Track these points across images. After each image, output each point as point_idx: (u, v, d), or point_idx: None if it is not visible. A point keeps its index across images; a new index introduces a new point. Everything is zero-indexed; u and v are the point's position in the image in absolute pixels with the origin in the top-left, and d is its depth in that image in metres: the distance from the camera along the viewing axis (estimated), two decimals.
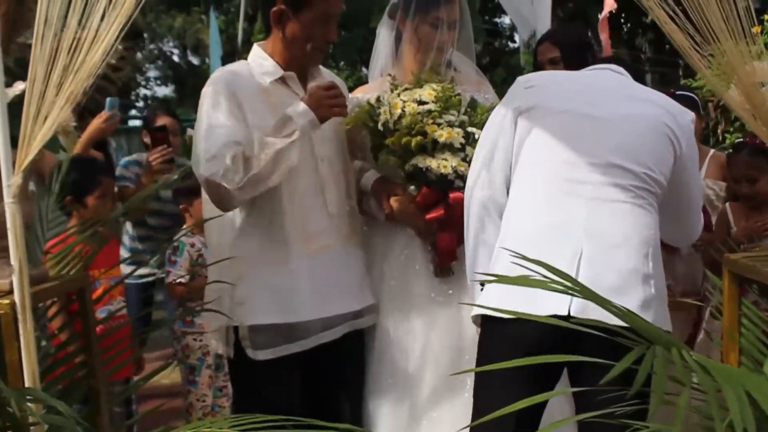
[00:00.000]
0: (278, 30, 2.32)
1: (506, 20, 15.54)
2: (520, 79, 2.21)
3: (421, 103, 2.37)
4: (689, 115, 2.15)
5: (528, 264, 1.41)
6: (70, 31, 1.60)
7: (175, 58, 22.64)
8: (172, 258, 3.65)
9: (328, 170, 2.36)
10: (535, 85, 2.16)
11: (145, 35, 20.25)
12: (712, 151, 3.33)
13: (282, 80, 2.34)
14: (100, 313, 2.72)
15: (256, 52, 2.38)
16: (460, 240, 2.28)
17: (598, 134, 2.04)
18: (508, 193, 2.10)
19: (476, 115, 2.45)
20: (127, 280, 4.19)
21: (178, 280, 3.61)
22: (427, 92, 2.38)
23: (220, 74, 2.33)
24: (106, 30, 1.60)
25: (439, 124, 2.35)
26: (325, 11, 2.26)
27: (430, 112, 2.35)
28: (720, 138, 5.28)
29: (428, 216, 2.40)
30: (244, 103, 2.25)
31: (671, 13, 1.63)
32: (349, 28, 4.82)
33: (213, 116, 2.21)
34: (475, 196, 2.14)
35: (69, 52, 1.61)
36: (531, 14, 4.78)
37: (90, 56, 1.61)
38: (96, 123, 3.39)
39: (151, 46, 21.46)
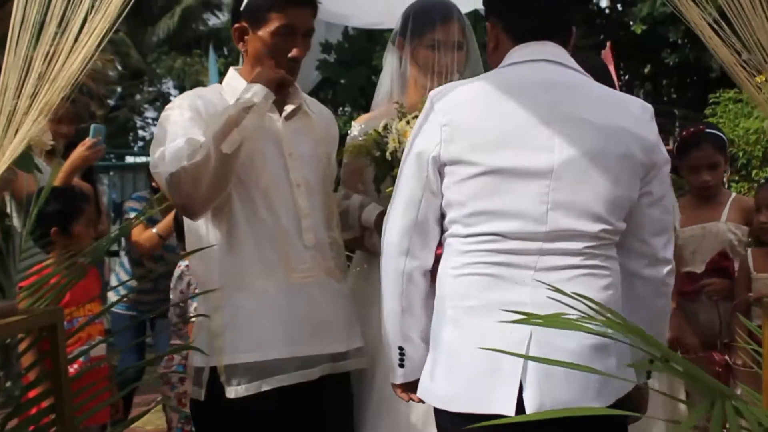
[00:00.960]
0: (243, 49, 2.19)
1: None
2: (432, 96, 1.76)
3: None
4: (648, 116, 1.74)
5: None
6: (47, 37, 1.46)
7: None
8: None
9: (306, 197, 2.18)
10: (448, 122, 1.70)
11: (145, 77, 20.29)
12: (734, 194, 3.19)
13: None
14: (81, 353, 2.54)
15: (230, 74, 2.24)
16: None
17: (536, 195, 1.64)
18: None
19: None
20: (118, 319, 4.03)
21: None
22: None
23: (188, 95, 2.20)
24: (87, 36, 1.45)
25: None
26: (286, 24, 2.11)
27: None
28: (726, 185, 5.15)
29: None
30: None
31: (715, 26, 1.48)
32: (351, 68, 4.72)
33: (174, 124, 2.06)
34: (399, 267, 1.77)
35: (45, 60, 1.46)
36: None
37: (68, 64, 1.46)
38: (79, 150, 3.22)
39: (151, 88, 21.48)
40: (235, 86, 2.17)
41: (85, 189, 3.64)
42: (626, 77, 14.61)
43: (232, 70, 2.24)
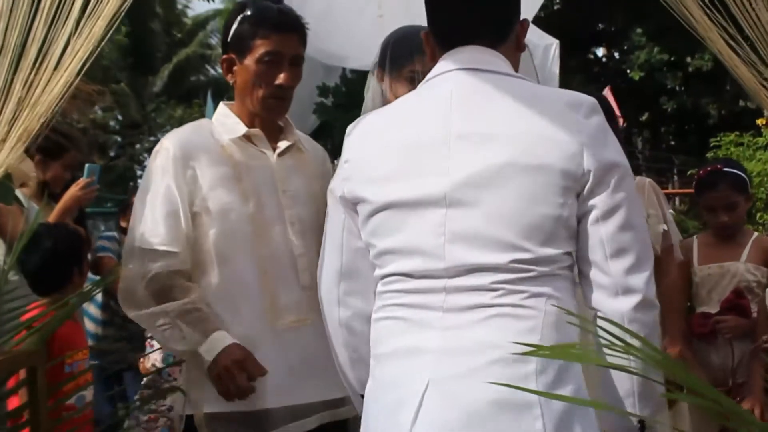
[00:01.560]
0: (231, 80, 2.11)
1: None
2: (347, 129, 1.64)
3: None
4: (580, 113, 1.45)
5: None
6: (28, 61, 1.40)
7: None
8: (151, 342, 3.37)
9: (300, 236, 2.08)
10: (350, 158, 1.58)
11: (144, 126, 20.43)
12: (755, 234, 3.09)
13: (247, 138, 2.10)
14: (77, 402, 2.47)
15: (220, 110, 2.16)
16: None
17: (431, 227, 1.45)
18: None
19: None
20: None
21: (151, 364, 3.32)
22: None
23: (175, 134, 2.09)
24: (69, 59, 1.39)
25: None
26: (271, 50, 2.03)
27: None
28: None
29: None
30: (198, 165, 2.02)
31: (734, 45, 1.42)
32: (348, 110, 4.70)
33: (157, 199, 1.98)
34: (335, 318, 1.63)
35: (25, 84, 1.39)
36: None
37: (49, 89, 1.39)
38: (73, 190, 3.10)
39: (151, 138, 21.61)
40: (225, 122, 2.10)
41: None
42: (624, 125, 14.70)
43: (222, 106, 2.18)
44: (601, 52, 13.58)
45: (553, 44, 4.57)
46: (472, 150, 1.43)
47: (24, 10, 1.39)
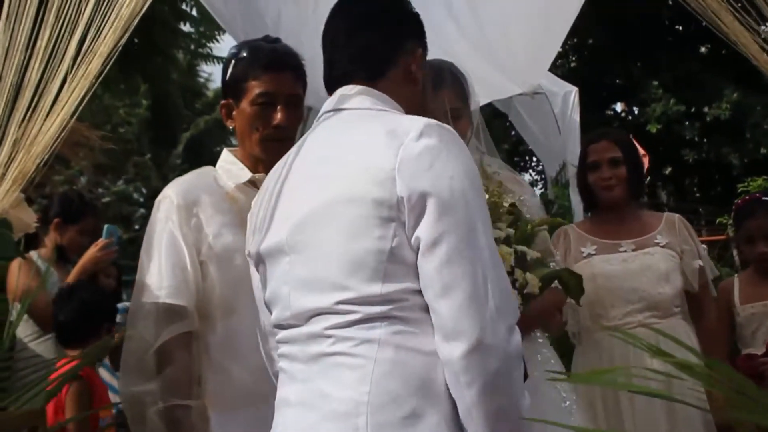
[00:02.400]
0: (231, 126, 2.03)
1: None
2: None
3: None
4: (403, 138, 1.32)
5: None
6: (24, 101, 1.34)
7: None
8: None
9: None
10: (251, 213, 1.60)
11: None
12: None
13: (252, 183, 2.02)
14: None
15: (224, 156, 2.09)
16: None
17: (280, 276, 1.43)
18: None
19: (523, 229, 1.97)
20: None
21: None
22: None
23: (177, 183, 2.02)
24: (65, 99, 1.34)
25: None
26: (266, 91, 1.95)
27: None
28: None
29: None
30: (202, 212, 1.94)
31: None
32: None
33: (162, 251, 1.90)
34: (270, 371, 1.63)
35: (21, 125, 1.34)
36: (558, 144, 4.57)
37: (45, 130, 1.34)
38: (91, 251, 3.05)
39: None
40: (230, 168, 2.03)
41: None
42: (648, 179, 14.62)
43: (226, 152, 2.12)
44: (619, 107, 13.59)
45: (573, 92, 4.54)
46: (307, 192, 1.39)
47: (20, 49, 1.34)
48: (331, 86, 1.51)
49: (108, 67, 1.35)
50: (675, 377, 0.99)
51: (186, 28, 6.25)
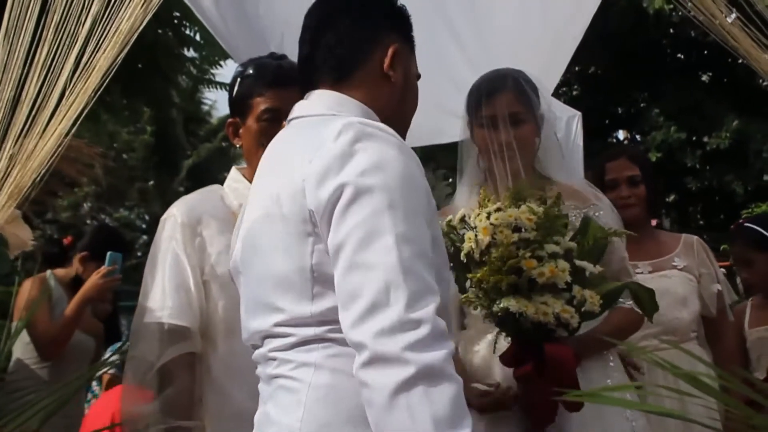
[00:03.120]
0: (238, 144, 2.00)
1: None
2: None
3: (516, 229, 1.82)
4: (329, 144, 1.22)
5: None
6: (21, 115, 1.32)
7: None
8: None
9: None
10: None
11: None
12: None
13: None
14: None
15: (232, 175, 2.07)
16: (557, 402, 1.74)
17: (238, 299, 1.41)
18: None
19: (587, 242, 1.86)
20: None
21: None
22: (526, 216, 1.82)
23: (183, 202, 2.01)
24: (62, 114, 1.32)
25: (539, 258, 1.77)
26: (271, 107, 1.92)
27: (528, 242, 1.80)
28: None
29: (515, 373, 1.86)
30: (206, 232, 1.92)
31: None
32: None
33: (166, 271, 1.89)
34: None
35: (17, 140, 1.32)
36: (563, 167, 4.50)
37: (41, 145, 1.32)
38: (94, 279, 2.94)
39: None
40: (236, 188, 2.02)
41: (94, 328, 3.46)
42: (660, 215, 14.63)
43: (234, 170, 2.10)
44: (621, 135, 13.60)
45: (576, 116, 4.49)
46: (250, 208, 1.34)
47: (18, 63, 1.33)
48: (302, 91, 1.45)
49: (106, 83, 1.34)
50: (691, 394, 0.96)
51: (189, 53, 6.28)
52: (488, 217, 1.83)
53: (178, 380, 1.86)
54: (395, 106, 1.42)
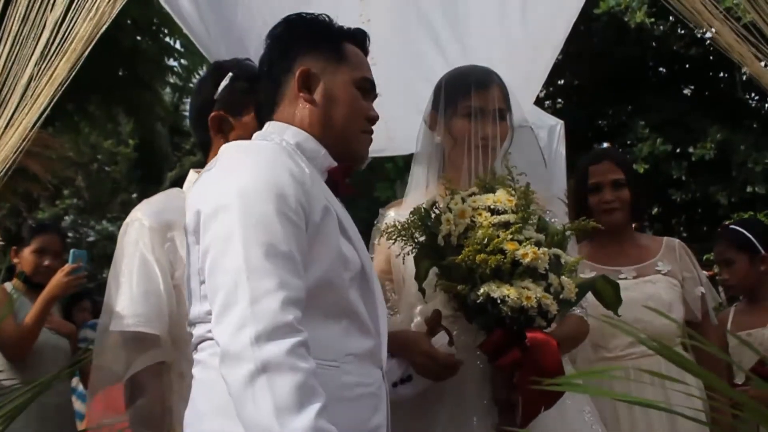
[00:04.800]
0: (220, 140, 1.91)
1: None
2: None
3: (495, 212, 1.82)
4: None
5: None
6: None
7: None
8: None
9: None
10: None
11: None
12: None
13: None
14: None
15: (190, 178, 2.03)
16: (543, 393, 1.70)
17: None
18: None
19: (555, 236, 1.89)
20: None
21: None
22: (505, 198, 1.82)
23: (147, 205, 1.96)
24: (28, 106, 1.27)
25: (519, 242, 1.77)
26: None
27: (508, 224, 1.79)
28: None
29: (500, 361, 1.82)
30: (177, 235, 1.87)
31: None
32: (352, 201, 4.61)
33: (134, 276, 1.84)
34: None
35: None
36: (545, 177, 4.49)
37: (5, 140, 1.27)
38: (58, 277, 2.91)
39: None
40: None
41: (65, 329, 3.40)
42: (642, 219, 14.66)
43: (192, 173, 2.05)
44: (605, 146, 13.65)
45: (558, 125, 4.49)
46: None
47: None
48: (260, 124, 1.66)
49: (73, 74, 1.29)
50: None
51: (170, 62, 6.24)
52: (464, 201, 1.84)
53: (149, 391, 1.80)
54: (324, 124, 1.58)
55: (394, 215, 2.09)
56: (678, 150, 10.52)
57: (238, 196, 1.33)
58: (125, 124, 11.94)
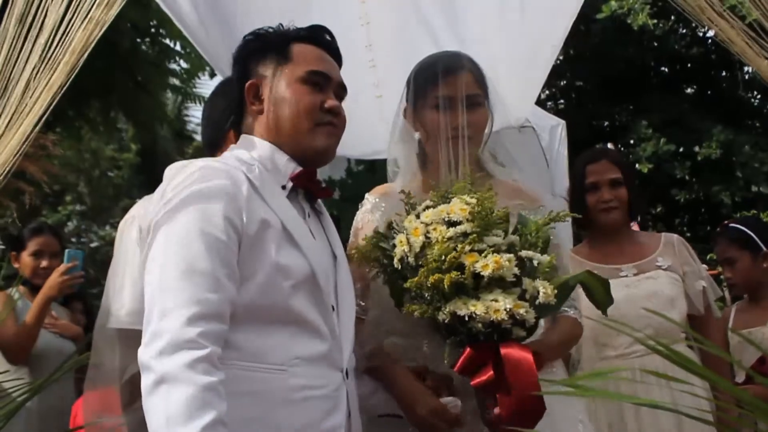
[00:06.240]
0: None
1: None
2: None
3: (451, 224, 1.70)
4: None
5: None
6: None
7: None
8: None
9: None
10: None
11: None
12: None
13: None
14: None
15: None
16: (522, 407, 1.61)
17: None
18: None
19: (530, 234, 1.76)
20: None
21: None
22: (458, 208, 1.70)
23: (148, 202, 1.91)
24: (27, 109, 1.27)
25: (480, 251, 1.65)
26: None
27: (465, 235, 1.67)
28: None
29: (473, 381, 1.72)
30: None
31: None
32: (354, 203, 4.60)
33: (135, 273, 1.81)
34: None
35: None
36: (546, 177, 4.49)
37: (5, 140, 1.27)
38: (54, 278, 2.91)
39: None
40: None
41: (71, 332, 3.39)
42: (639, 220, 14.59)
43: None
44: (609, 146, 13.64)
45: (559, 125, 4.50)
46: None
47: None
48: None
49: (71, 79, 1.29)
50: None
51: (171, 65, 6.22)
52: (418, 217, 1.75)
53: None
54: (274, 128, 1.65)
55: (379, 201, 2.06)
56: (681, 150, 10.51)
57: (165, 215, 1.46)
58: (128, 129, 11.93)
